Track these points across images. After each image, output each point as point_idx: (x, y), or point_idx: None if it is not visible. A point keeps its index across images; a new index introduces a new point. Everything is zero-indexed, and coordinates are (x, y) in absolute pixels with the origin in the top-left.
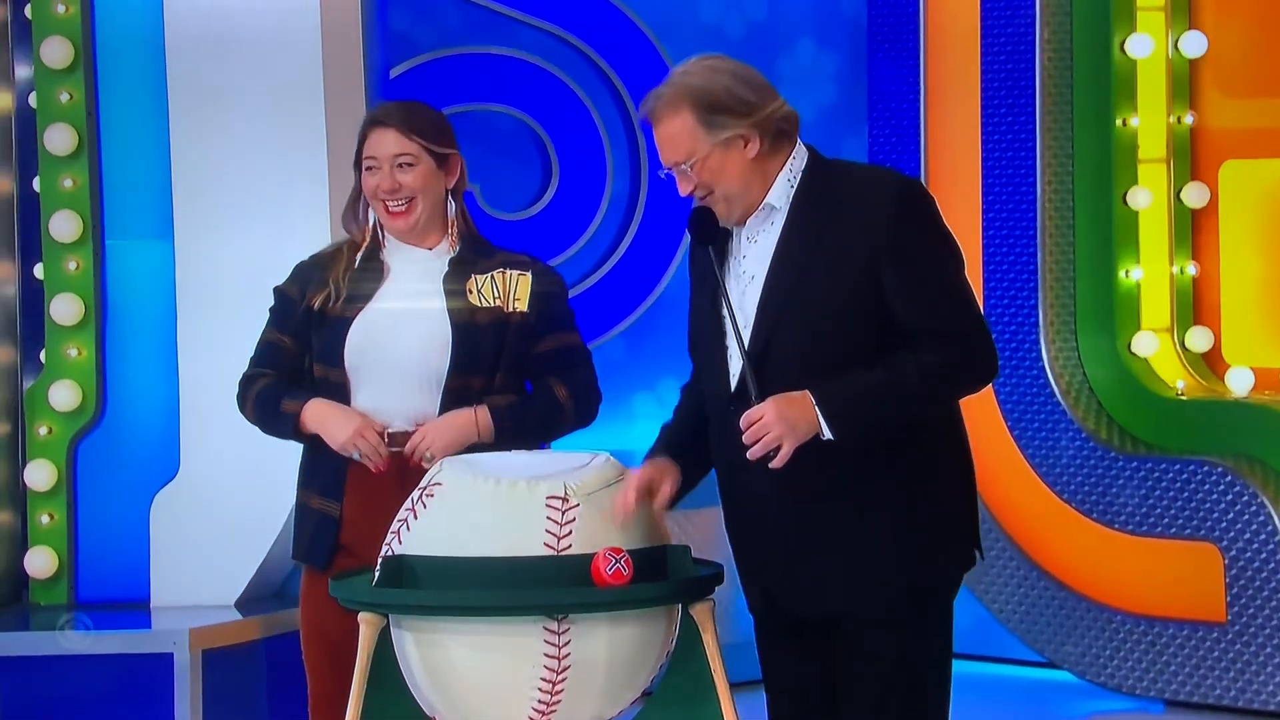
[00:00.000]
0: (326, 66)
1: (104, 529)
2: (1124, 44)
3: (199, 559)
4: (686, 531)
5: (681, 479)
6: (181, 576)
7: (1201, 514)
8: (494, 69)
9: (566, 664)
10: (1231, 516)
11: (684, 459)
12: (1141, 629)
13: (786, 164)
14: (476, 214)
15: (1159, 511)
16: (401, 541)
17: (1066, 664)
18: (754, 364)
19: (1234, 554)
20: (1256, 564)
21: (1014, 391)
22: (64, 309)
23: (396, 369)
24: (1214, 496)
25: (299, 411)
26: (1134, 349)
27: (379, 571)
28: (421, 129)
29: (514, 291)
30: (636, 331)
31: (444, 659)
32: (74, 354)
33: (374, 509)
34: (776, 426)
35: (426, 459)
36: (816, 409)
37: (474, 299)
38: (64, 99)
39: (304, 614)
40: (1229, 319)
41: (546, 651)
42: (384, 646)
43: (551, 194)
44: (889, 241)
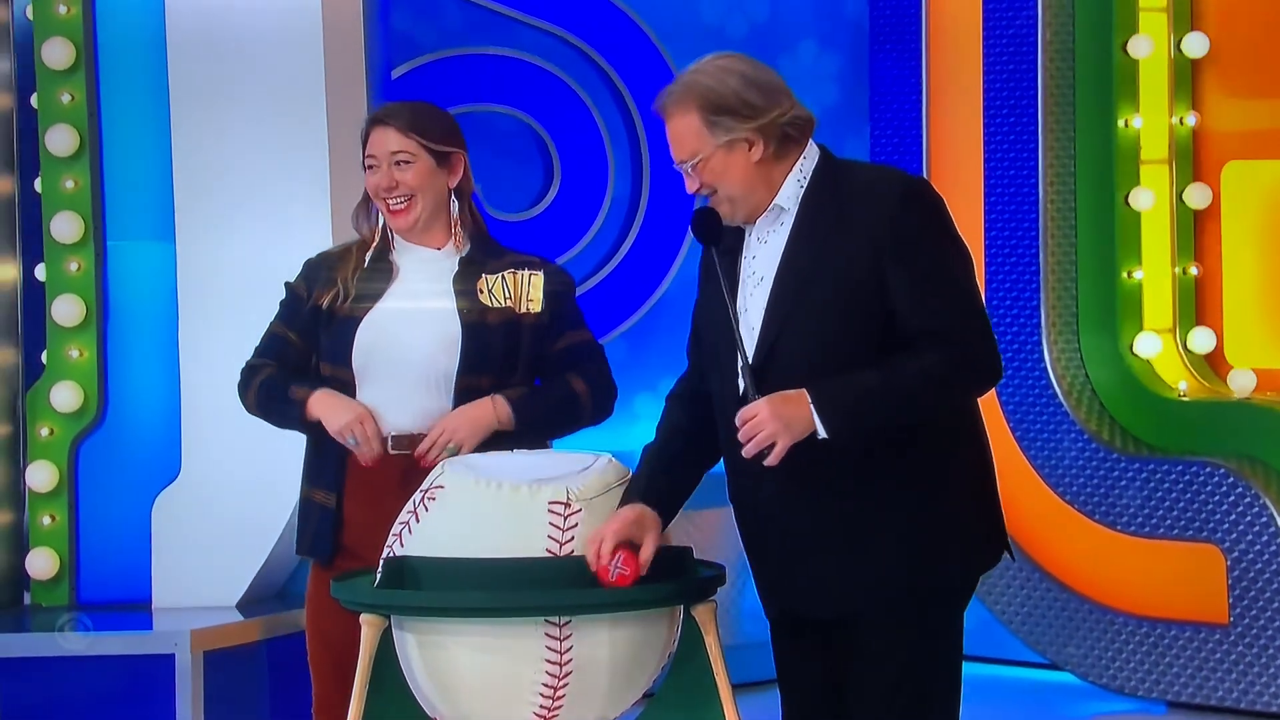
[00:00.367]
0: (328, 67)
1: (105, 530)
2: (1126, 44)
3: (200, 560)
4: (688, 533)
5: (663, 522)
6: (183, 577)
7: (1204, 515)
8: (496, 70)
9: (569, 665)
10: (1234, 518)
11: (665, 500)
12: (1144, 630)
13: (795, 166)
14: (481, 211)
15: (1161, 513)
16: (404, 544)
17: (1068, 665)
18: (760, 365)
19: (1236, 555)
20: (1259, 565)
21: (1016, 392)
22: (65, 310)
23: (404, 369)
24: (1216, 498)
25: (306, 398)
26: (1136, 350)
27: (381, 573)
28: (421, 127)
29: (527, 292)
30: (638, 332)
31: (446, 660)
32: (75, 355)
33: (377, 509)
34: (770, 424)
35: (449, 451)
36: (812, 407)
37: (485, 299)
38: (65, 100)
39: (309, 616)
40: (1231, 320)
41: (548, 653)
42: (386, 648)
43: (553, 195)
44: (892, 240)
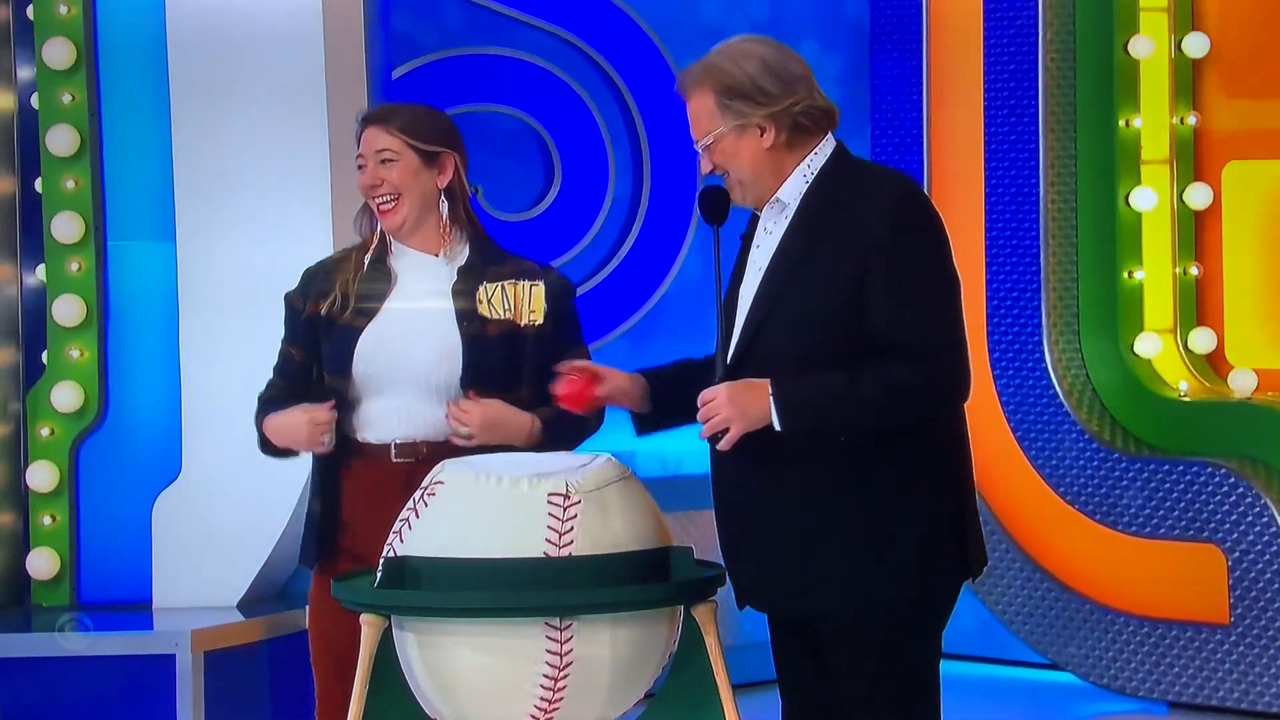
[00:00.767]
0: (329, 67)
1: (106, 530)
2: (1127, 45)
3: (201, 560)
4: (689, 532)
5: (652, 394)
6: (183, 578)
7: (1204, 515)
8: (496, 70)
9: (569, 665)
10: (1235, 518)
11: (664, 383)
12: (1144, 630)
13: (806, 159)
14: (479, 214)
15: (1162, 513)
16: (403, 540)
17: (1069, 665)
18: (741, 356)
19: (1237, 555)
20: (1259, 565)
21: (1017, 393)
22: (66, 310)
23: (406, 377)
24: (1217, 498)
25: (264, 432)
26: (1137, 350)
27: (381, 572)
28: (407, 126)
29: (528, 303)
30: (639, 332)
31: (446, 660)
32: (76, 355)
33: (383, 516)
34: (726, 409)
35: (462, 435)
36: (770, 399)
37: (484, 309)
38: (66, 100)
39: (311, 617)
40: (1232, 320)
41: (549, 653)
42: (386, 648)
43: (554, 195)
44: (874, 250)
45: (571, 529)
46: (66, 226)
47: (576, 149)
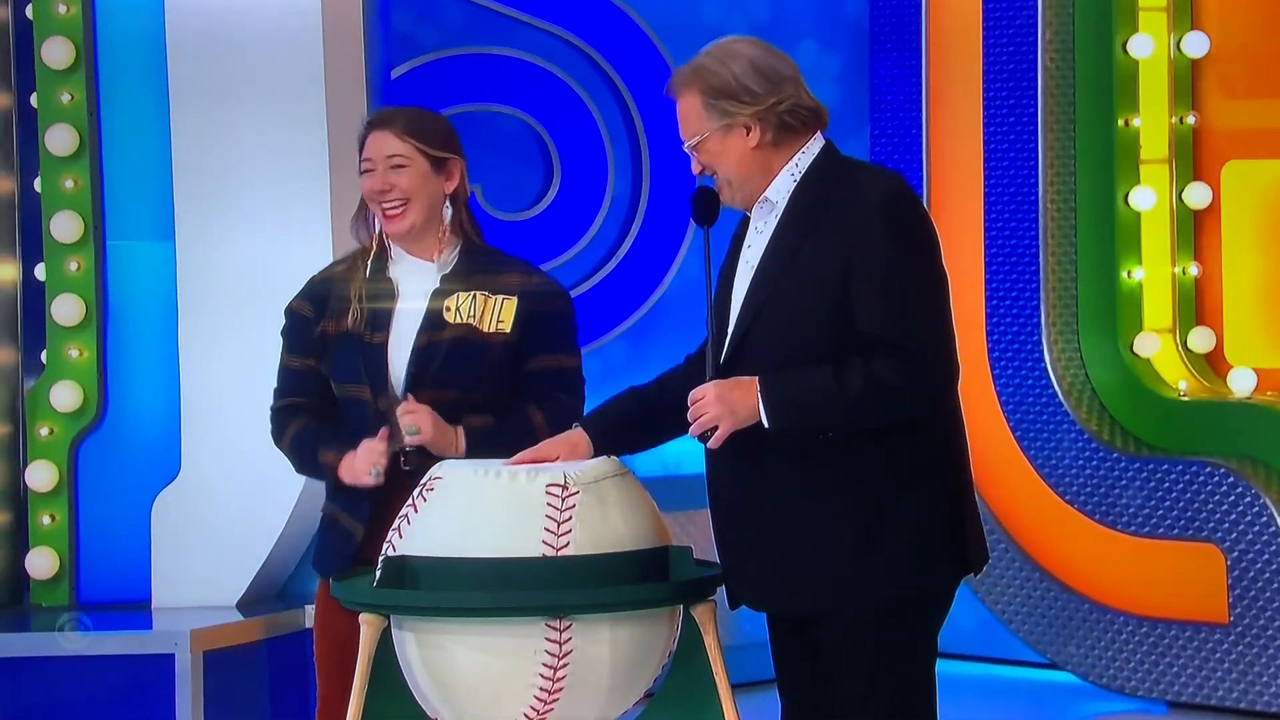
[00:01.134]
0: (328, 67)
1: (105, 530)
2: (1126, 44)
3: (200, 560)
4: (689, 532)
5: (595, 448)
6: (183, 577)
7: (1204, 515)
8: (496, 69)
9: (568, 664)
10: (1234, 517)
11: (609, 430)
12: (1144, 630)
13: (794, 158)
14: (478, 214)
15: (1161, 512)
16: (402, 536)
17: (1069, 665)
18: (731, 355)
19: (1236, 555)
20: (1259, 565)
21: (1016, 392)
22: (65, 310)
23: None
24: (1216, 497)
25: (335, 465)
26: (1136, 350)
27: (380, 572)
28: (417, 131)
29: (497, 314)
30: (637, 332)
31: (445, 660)
32: (75, 355)
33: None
34: (714, 407)
35: (409, 431)
36: (759, 397)
37: (450, 316)
38: (65, 99)
39: (318, 614)
40: (1231, 320)
41: (548, 652)
42: (386, 647)
43: (553, 195)
44: (861, 246)
45: (570, 519)
46: (66, 226)
47: (576, 149)
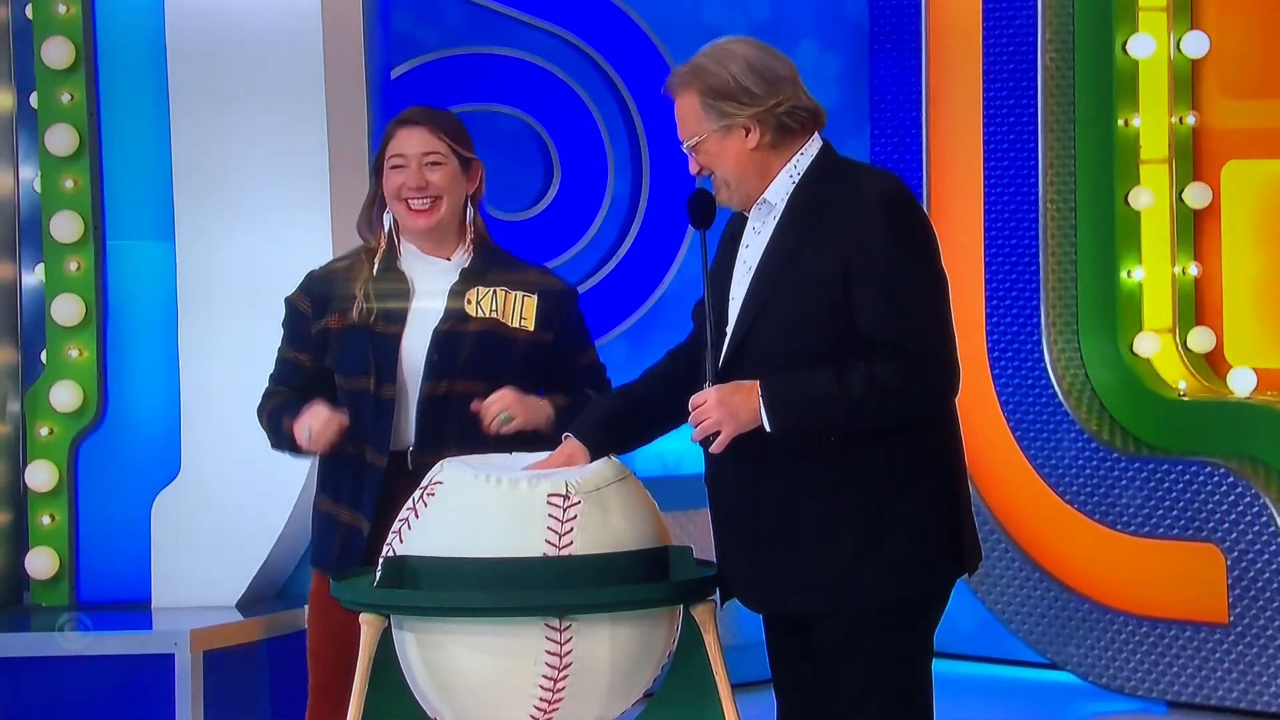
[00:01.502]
0: (328, 67)
1: (105, 530)
2: (1126, 44)
3: (200, 560)
4: (689, 532)
5: (592, 455)
6: (182, 577)
7: (1203, 515)
8: (496, 69)
9: (568, 664)
10: (1234, 517)
11: (601, 434)
12: (1144, 630)
13: (792, 160)
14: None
15: (1161, 512)
16: (403, 540)
17: (1068, 665)
18: (731, 357)
19: (1236, 555)
20: (1259, 565)
21: (1016, 392)
22: (65, 310)
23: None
24: (1216, 497)
25: (292, 430)
26: (1136, 349)
27: (380, 572)
28: (451, 131)
29: (520, 309)
30: (638, 332)
31: (445, 660)
32: (75, 355)
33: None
34: (715, 411)
35: (503, 419)
36: (760, 401)
37: (471, 309)
38: (65, 99)
39: (313, 612)
40: (1231, 319)
41: (548, 652)
42: (386, 647)
43: (553, 194)
44: (859, 249)
45: (571, 529)
46: (65, 226)
47: (575, 149)
